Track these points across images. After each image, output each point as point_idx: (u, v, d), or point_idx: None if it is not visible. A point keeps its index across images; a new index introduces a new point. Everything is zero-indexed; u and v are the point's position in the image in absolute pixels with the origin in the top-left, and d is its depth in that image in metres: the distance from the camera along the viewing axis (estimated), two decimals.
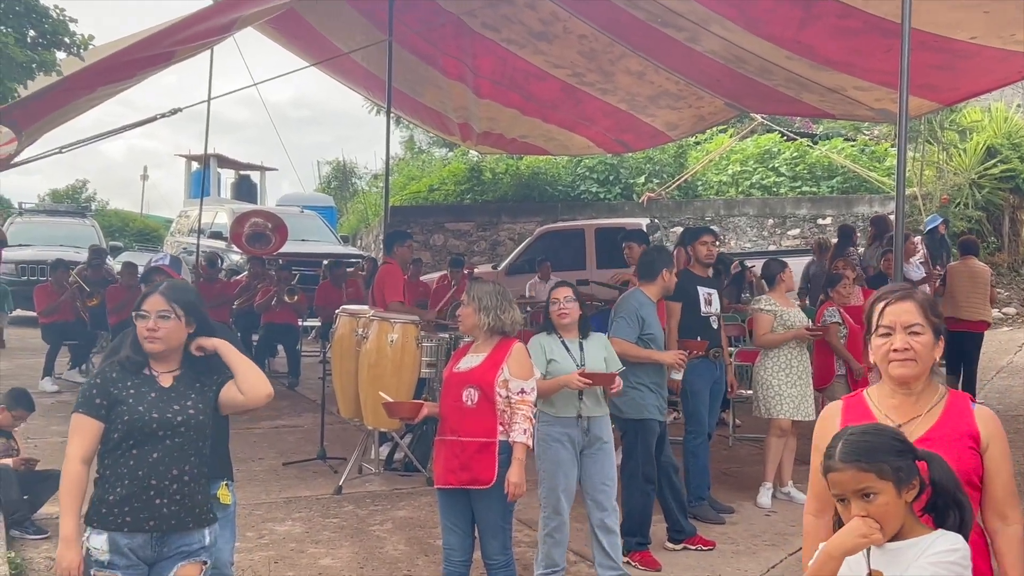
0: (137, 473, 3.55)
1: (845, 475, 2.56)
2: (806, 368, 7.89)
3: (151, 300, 3.68)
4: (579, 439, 5.74)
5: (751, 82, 11.29)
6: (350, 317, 8.64)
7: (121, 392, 3.61)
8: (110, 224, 31.25)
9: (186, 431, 3.62)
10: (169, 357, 3.73)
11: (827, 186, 20.40)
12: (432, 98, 14.76)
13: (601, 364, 5.77)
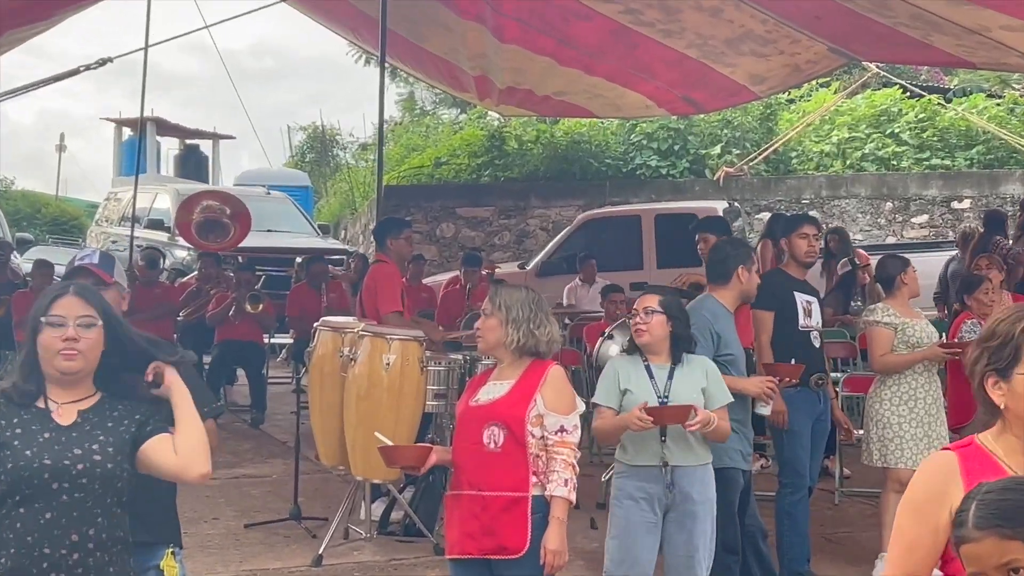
0: (25, 540, 3.45)
1: (983, 546, 2.49)
2: (936, 400, 7.68)
3: (66, 302, 3.60)
4: (661, 496, 5.68)
5: (863, 20, 11.26)
6: (333, 332, 8.64)
7: (4, 432, 3.51)
8: (16, 209, 31.55)
9: (89, 483, 3.52)
10: (79, 383, 3.65)
11: (964, 158, 20.32)
12: (440, 44, 14.81)
13: (696, 398, 5.63)
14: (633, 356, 5.82)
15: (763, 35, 12.71)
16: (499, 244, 20.81)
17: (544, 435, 4.88)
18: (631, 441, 5.67)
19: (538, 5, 12.93)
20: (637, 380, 5.71)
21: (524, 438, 4.87)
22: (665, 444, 5.60)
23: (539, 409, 4.89)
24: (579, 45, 13.77)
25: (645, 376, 5.71)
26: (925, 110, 20.94)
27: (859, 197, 19.93)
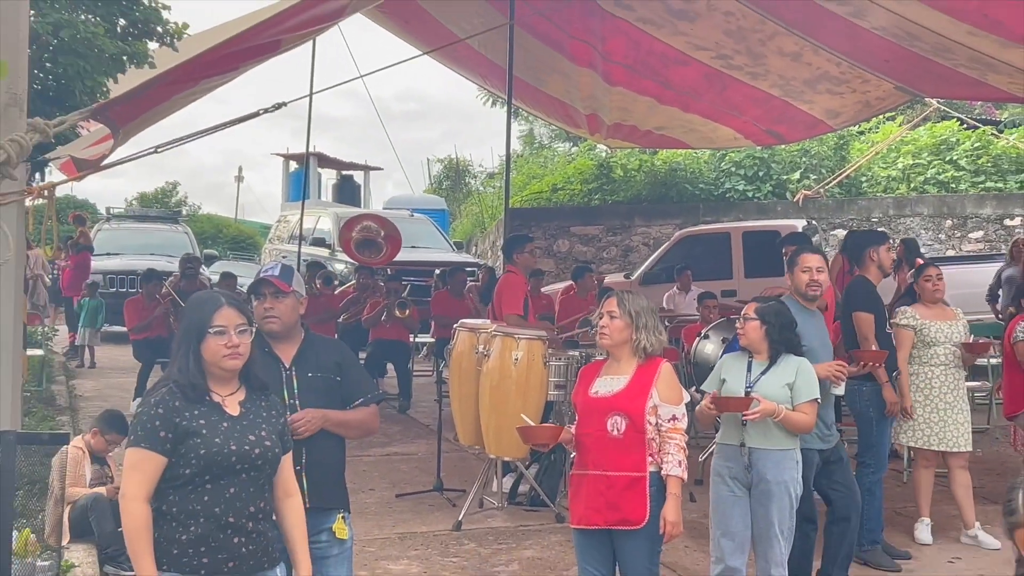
0: (213, 511, 3.58)
1: None
2: (953, 390, 7.57)
3: (225, 313, 3.71)
4: (740, 475, 5.64)
5: (926, 62, 11.06)
6: (469, 332, 8.68)
7: (191, 423, 3.59)
8: (202, 230, 32.11)
9: (262, 464, 3.68)
10: (233, 378, 3.77)
11: (1015, 181, 19.88)
12: (556, 87, 14.83)
13: (780, 391, 5.58)
14: (743, 353, 5.83)
15: (838, 76, 12.56)
16: (607, 258, 20.74)
17: (658, 422, 4.92)
18: (722, 423, 5.72)
19: (642, 53, 12.90)
20: (734, 373, 5.75)
21: (643, 426, 4.90)
22: (745, 428, 5.61)
23: (654, 401, 4.94)
24: (677, 87, 13.72)
25: (743, 370, 5.72)
26: (980, 140, 20.54)
27: (922, 216, 19.58)
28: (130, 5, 9.63)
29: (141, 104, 5.73)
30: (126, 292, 17.69)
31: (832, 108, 13.79)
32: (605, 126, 15.81)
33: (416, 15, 12.94)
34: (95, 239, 20.95)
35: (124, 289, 18.58)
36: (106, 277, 19.31)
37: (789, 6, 10.69)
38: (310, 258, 17.99)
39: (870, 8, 9.91)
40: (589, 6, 12.01)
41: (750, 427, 5.60)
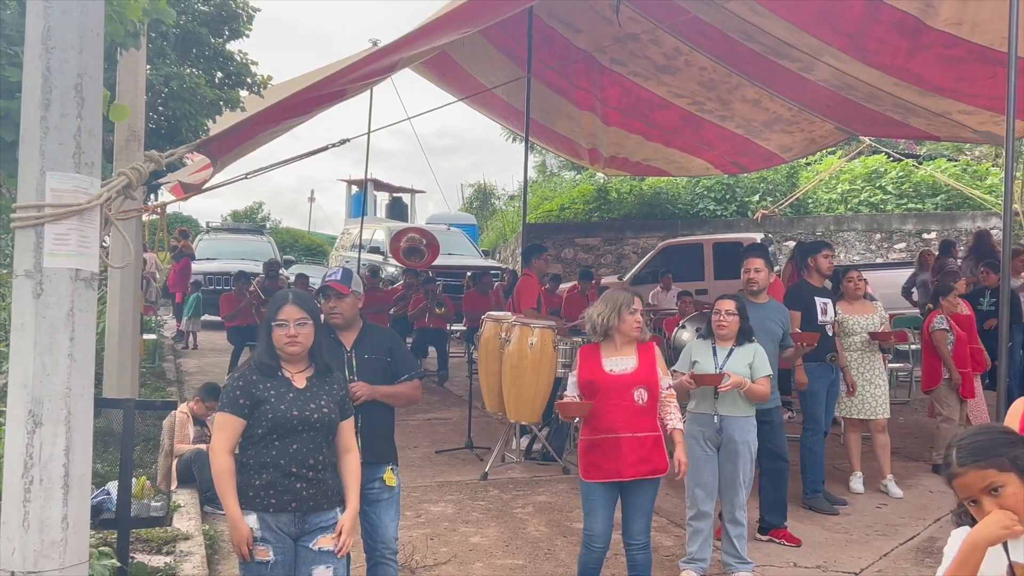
0: (279, 462, 3.69)
1: (968, 477, 2.46)
2: (870, 370, 7.57)
3: (287, 310, 3.80)
4: (712, 437, 5.66)
5: (860, 107, 11.00)
6: (494, 322, 8.71)
7: (263, 393, 3.73)
8: (282, 240, 32.18)
9: (320, 427, 3.75)
10: (301, 359, 3.85)
11: (931, 203, 19.77)
12: (564, 127, 14.81)
13: (744, 370, 5.61)
14: (707, 339, 5.81)
15: (789, 118, 12.52)
16: (604, 264, 20.71)
17: (659, 391, 4.95)
18: (695, 396, 5.69)
19: (632, 99, 12.87)
20: (703, 355, 5.74)
21: (658, 395, 4.96)
22: (716, 400, 5.62)
23: (660, 374, 4.97)
24: (661, 127, 13.67)
25: (711, 353, 5.70)
26: (903, 170, 20.43)
27: (857, 231, 19.47)
28: (226, 61, 9.69)
29: (234, 140, 5.75)
30: (221, 289, 17.73)
31: (784, 144, 13.73)
32: (603, 158, 15.77)
33: (452, 69, 12.95)
34: (197, 247, 21.17)
35: (220, 287, 18.65)
36: (206, 277, 19.47)
37: (751, 63, 10.64)
38: (368, 263, 18.02)
39: (816, 64, 9.88)
40: (590, 63, 11.98)
41: (720, 399, 5.61)
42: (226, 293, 14.73)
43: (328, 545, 3.75)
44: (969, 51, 8.39)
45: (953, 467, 2.49)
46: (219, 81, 9.71)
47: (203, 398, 7.63)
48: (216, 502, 7.01)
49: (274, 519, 3.68)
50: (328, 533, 3.76)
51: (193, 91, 8.75)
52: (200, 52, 9.53)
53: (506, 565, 5.94)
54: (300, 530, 3.73)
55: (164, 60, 8.94)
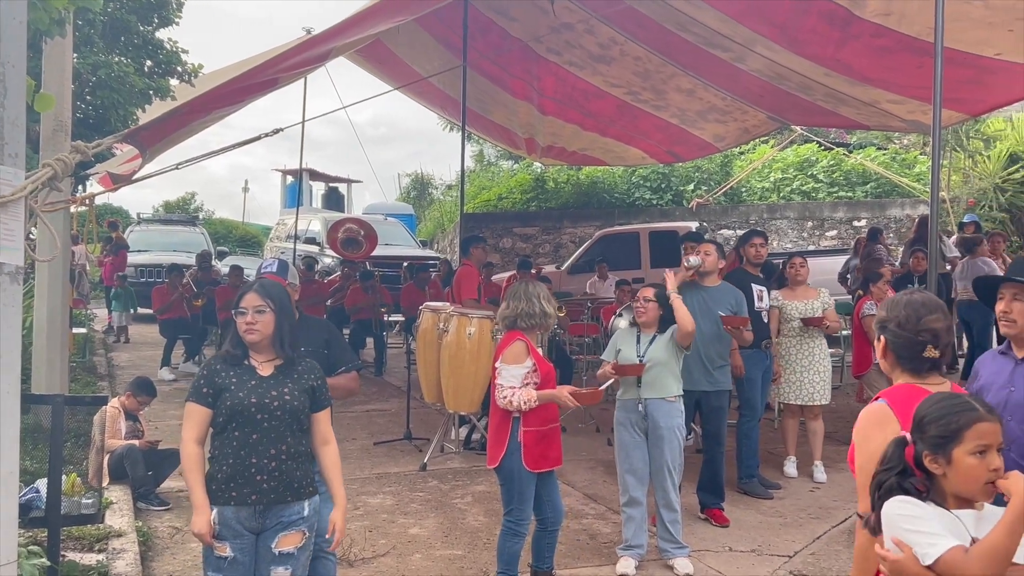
0: (240, 453, 3.62)
1: (994, 426, 2.43)
2: (808, 356, 7.67)
3: (248, 297, 3.78)
4: (639, 422, 5.72)
5: (792, 97, 11.17)
6: (432, 313, 8.68)
7: (225, 381, 3.68)
8: (216, 231, 31.75)
9: (282, 415, 3.66)
10: (266, 347, 3.78)
11: (861, 191, 20.13)
12: (501, 116, 14.81)
13: (664, 355, 5.69)
14: (633, 327, 5.86)
15: (723, 108, 12.65)
16: (542, 252, 20.76)
17: None
18: (622, 384, 5.75)
19: (568, 89, 12.91)
20: (628, 343, 5.80)
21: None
22: (640, 387, 5.68)
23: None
24: (596, 116, 13.74)
25: (634, 341, 5.78)
26: (834, 158, 20.74)
27: (789, 218, 19.75)
28: (155, 50, 9.52)
29: (163, 129, 5.64)
30: (153, 281, 17.47)
31: (718, 133, 13.88)
32: (540, 147, 15.82)
33: (388, 58, 12.87)
34: (128, 239, 20.80)
35: (151, 279, 18.36)
36: (137, 269, 19.16)
37: (685, 53, 10.73)
38: (304, 253, 17.85)
39: (748, 54, 10.00)
40: (526, 52, 11.99)
41: (644, 384, 5.67)
42: (158, 286, 14.53)
43: (288, 547, 3.67)
44: (897, 41, 8.56)
45: (982, 412, 2.45)
46: (148, 70, 9.54)
47: (134, 392, 7.51)
48: (150, 498, 6.95)
49: (234, 514, 3.61)
50: (292, 530, 3.68)
51: (122, 80, 8.59)
52: (129, 40, 9.35)
53: (445, 556, 5.95)
54: (261, 524, 3.65)
55: (91, 48, 8.76)
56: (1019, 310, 3.54)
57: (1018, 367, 3.55)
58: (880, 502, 2.52)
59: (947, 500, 2.47)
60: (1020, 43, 8.01)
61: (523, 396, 4.92)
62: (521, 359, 5.00)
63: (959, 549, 2.33)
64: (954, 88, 8.97)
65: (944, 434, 2.44)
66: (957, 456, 2.42)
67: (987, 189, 18.07)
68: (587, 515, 6.83)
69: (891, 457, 2.55)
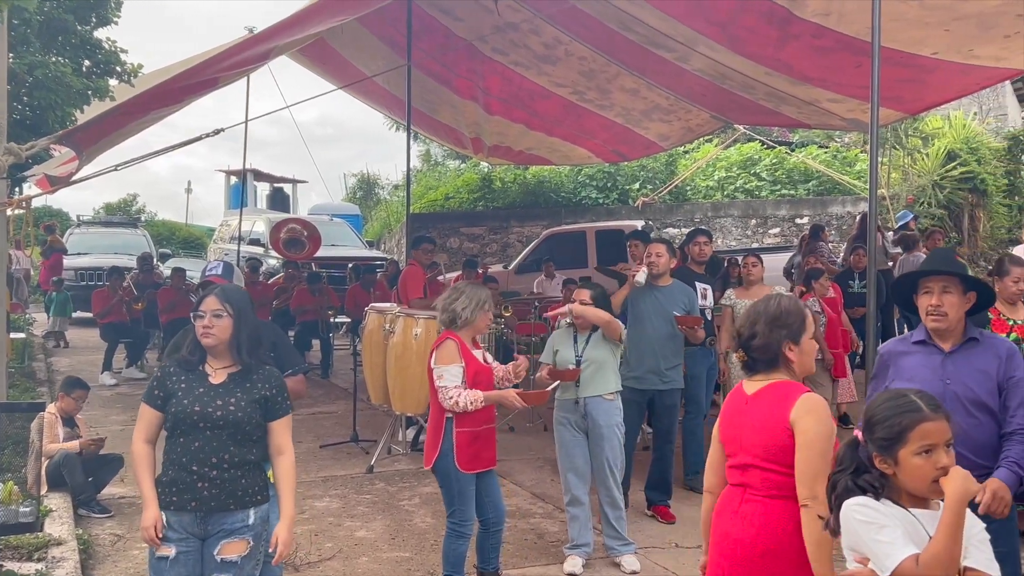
0: (182, 459, 3.62)
1: (941, 424, 2.44)
2: None
3: (207, 301, 3.74)
4: (579, 421, 5.74)
5: (734, 96, 11.28)
6: (378, 314, 8.64)
7: (174, 386, 3.66)
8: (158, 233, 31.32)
9: (225, 425, 3.63)
10: (223, 353, 3.74)
11: (804, 189, 20.38)
12: (447, 116, 14.78)
13: (602, 354, 5.71)
14: (570, 328, 5.85)
15: (667, 107, 12.74)
16: (490, 252, 20.75)
17: None
18: (561, 384, 5.71)
19: (514, 88, 12.91)
20: (565, 345, 5.80)
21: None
22: (578, 387, 5.68)
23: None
24: (542, 116, 13.77)
25: (571, 342, 5.77)
26: (777, 157, 20.99)
27: (733, 216, 19.95)
28: (93, 49, 9.36)
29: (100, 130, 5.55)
30: (94, 285, 17.16)
31: (663, 132, 13.97)
32: (486, 147, 15.81)
33: (332, 57, 12.78)
34: (68, 242, 20.49)
35: (92, 283, 18.04)
36: (77, 272, 18.83)
37: (629, 53, 10.78)
38: (248, 255, 17.66)
39: (691, 54, 10.08)
40: (471, 52, 11.97)
41: (582, 384, 5.68)
42: (99, 289, 14.28)
43: (231, 555, 3.64)
44: (836, 41, 8.67)
45: (926, 412, 2.46)
46: (87, 70, 9.38)
47: (66, 391, 7.36)
48: (90, 504, 6.83)
49: (176, 518, 3.61)
50: (234, 538, 3.65)
51: (59, 80, 8.42)
52: (66, 40, 9.18)
53: (392, 558, 5.92)
54: (204, 531, 3.64)
55: (28, 48, 8.59)
56: (950, 303, 3.55)
57: (947, 360, 3.58)
58: (837, 503, 2.53)
59: (903, 498, 2.48)
60: (956, 43, 8.17)
61: (469, 397, 4.91)
62: (454, 358, 4.99)
63: (911, 560, 2.34)
64: (892, 87, 9.12)
65: (889, 436, 2.47)
66: (903, 457, 2.45)
67: (926, 186, 18.42)
68: (535, 514, 6.84)
69: (844, 458, 2.58)
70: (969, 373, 3.57)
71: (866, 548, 2.43)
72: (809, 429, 2.93)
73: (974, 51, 8.29)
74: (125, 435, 8.86)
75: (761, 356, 3.12)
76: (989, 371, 3.57)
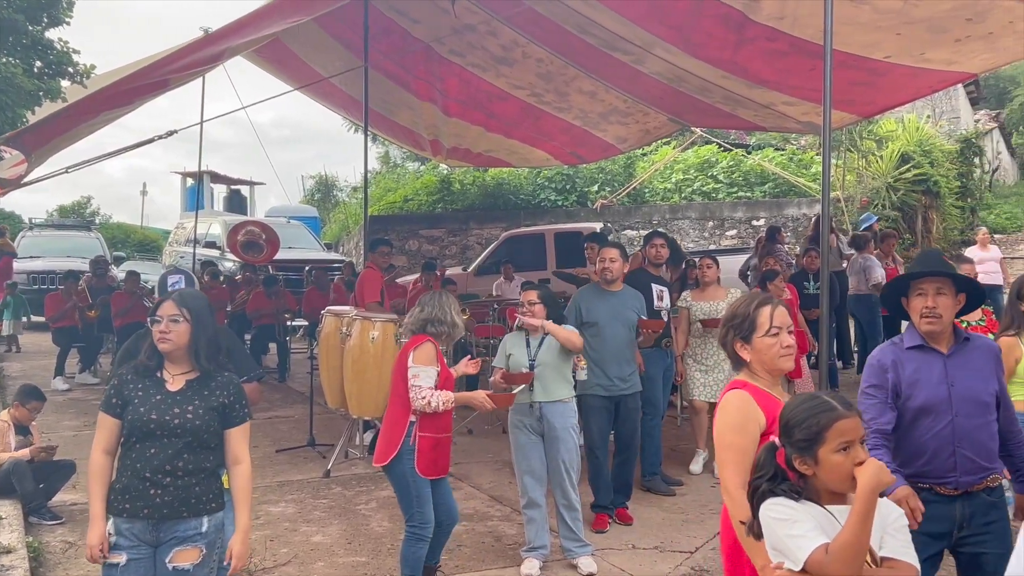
0: (136, 466, 3.58)
1: (854, 422, 2.52)
2: (715, 354, 7.68)
3: (165, 306, 3.72)
4: (534, 424, 5.73)
5: (691, 99, 11.33)
6: (335, 317, 8.58)
7: (132, 393, 3.63)
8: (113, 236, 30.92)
9: (182, 433, 3.60)
10: (181, 359, 3.71)
11: (760, 191, 20.54)
12: (405, 117, 14.70)
13: (554, 357, 5.72)
14: (520, 331, 5.84)
15: (624, 110, 12.77)
16: (449, 254, 20.72)
17: None
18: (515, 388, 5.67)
19: (472, 90, 12.88)
20: (518, 348, 5.78)
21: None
22: (533, 391, 5.68)
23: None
24: (501, 118, 13.74)
25: (524, 345, 5.76)
26: (733, 159, 21.13)
27: (691, 218, 20.07)
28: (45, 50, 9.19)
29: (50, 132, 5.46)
30: (47, 288, 16.91)
31: (620, 135, 14.01)
32: (445, 149, 15.74)
33: (288, 58, 12.67)
34: (19, 245, 20.15)
35: (45, 286, 17.77)
36: (29, 276, 18.54)
37: (586, 55, 10.80)
38: (204, 258, 17.48)
39: (647, 57, 10.12)
40: (429, 53, 11.92)
41: (536, 388, 5.68)
42: (52, 293, 14.07)
43: (184, 563, 3.61)
44: (791, 45, 8.74)
45: (840, 410, 2.53)
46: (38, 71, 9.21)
47: (22, 401, 7.25)
48: (41, 512, 6.72)
49: (128, 525, 3.57)
50: (188, 545, 3.61)
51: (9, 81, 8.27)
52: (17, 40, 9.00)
53: (348, 563, 5.88)
54: (156, 538, 3.60)
55: None
56: (944, 305, 3.53)
57: (948, 362, 3.56)
58: (758, 507, 2.59)
59: (822, 497, 2.55)
60: (908, 46, 8.27)
61: (442, 397, 4.97)
62: (432, 361, 5.02)
63: (821, 549, 2.41)
64: (845, 90, 9.23)
65: (808, 436, 2.54)
66: (823, 456, 2.52)
67: (880, 188, 18.66)
68: (492, 517, 6.83)
69: (763, 463, 2.65)
70: (970, 375, 3.56)
71: (781, 545, 2.50)
72: (716, 424, 3.09)
73: (926, 55, 8.39)
74: (78, 441, 8.75)
75: (729, 356, 3.23)
76: (986, 371, 3.59)
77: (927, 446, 3.55)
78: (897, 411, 3.59)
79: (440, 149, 15.81)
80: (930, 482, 3.58)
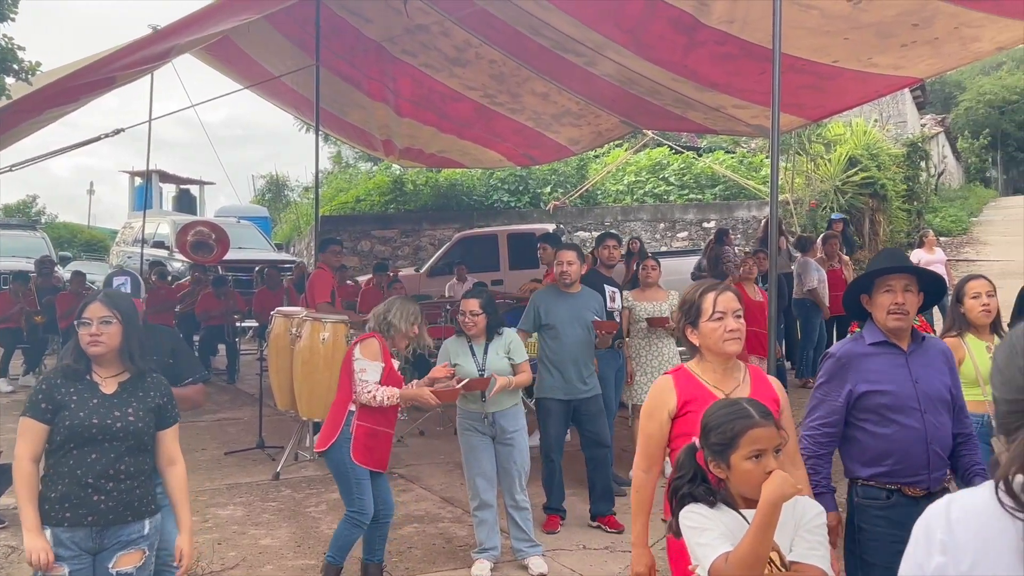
0: (76, 472, 3.48)
1: (768, 431, 2.54)
2: (659, 356, 7.67)
3: (92, 307, 3.59)
4: (486, 430, 5.73)
5: (643, 101, 11.41)
6: (284, 318, 8.51)
7: (64, 398, 3.51)
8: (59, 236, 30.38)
9: (124, 436, 3.53)
10: (112, 361, 3.62)
11: (711, 193, 20.73)
12: (357, 117, 14.63)
13: (503, 362, 5.70)
14: (461, 337, 5.80)
15: (577, 111, 12.82)
16: (401, 255, 20.64)
17: None
18: (463, 395, 5.63)
19: (425, 91, 12.86)
20: (463, 356, 5.73)
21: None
22: (484, 400, 5.66)
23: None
24: (453, 119, 13.73)
25: (469, 353, 5.72)
26: (685, 162, 21.30)
27: (643, 220, 20.19)
28: None
29: None
30: None
31: (573, 137, 14.06)
32: (398, 149, 15.69)
33: (237, 56, 12.55)
34: None
35: None
36: None
37: (539, 57, 10.83)
38: (152, 258, 17.25)
39: (599, 59, 10.17)
40: (381, 53, 11.87)
41: (488, 402, 5.66)
42: None
43: (127, 567, 3.55)
44: (741, 48, 8.83)
45: (756, 418, 2.55)
46: None
47: None
48: None
49: (69, 534, 3.46)
50: (131, 549, 3.56)
51: None
52: None
53: (297, 566, 5.83)
54: (99, 545, 3.52)
55: None
56: (911, 301, 3.52)
57: (911, 359, 3.55)
58: (677, 508, 2.64)
59: (736, 501, 2.60)
60: (855, 51, 8.39)
61: (387, 393, 5.04)
62: (377, 357, 5.05)
63: (722, 558, 2.45)
64: (794, 94, 9.34)
65: (722, 441, 2.58)
66: (735, 461, 2.56)
67: (828, 191, 18.93)
68: (443, 519, 6.82)
69: (683, 463, 2.69)
70: (931, 373, 3.55)
71: (692, 552, 2.57)
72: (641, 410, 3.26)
73: (873, 59, 8.52)
74: None
75: (685, 344, 3.36)
76: (943, 370, 3.59)
77: (897, 445, 3.47)
78: (857, 410, 3.54)
79: (393, 149, 15.75)
80: (899, 482, 3.50)
